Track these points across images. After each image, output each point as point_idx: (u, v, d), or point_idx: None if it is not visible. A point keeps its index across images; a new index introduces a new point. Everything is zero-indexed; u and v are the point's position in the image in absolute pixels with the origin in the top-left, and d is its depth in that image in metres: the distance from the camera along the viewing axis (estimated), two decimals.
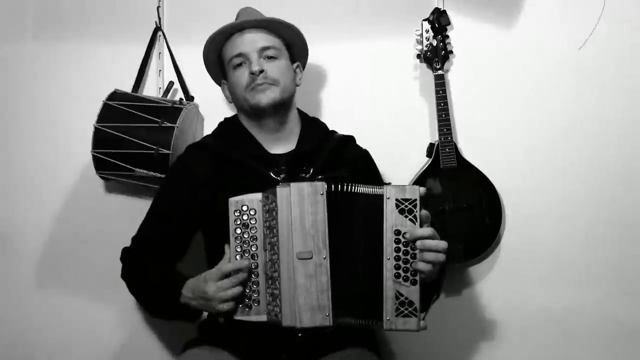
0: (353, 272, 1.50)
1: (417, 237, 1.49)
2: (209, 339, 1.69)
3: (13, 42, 2.21)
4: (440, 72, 2.03)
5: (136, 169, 1.94)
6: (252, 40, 1.76)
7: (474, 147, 2.08)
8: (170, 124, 1.94)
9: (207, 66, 1.88)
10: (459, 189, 2.02)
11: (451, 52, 2.08)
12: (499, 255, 2.09)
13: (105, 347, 2.14)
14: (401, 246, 1.49)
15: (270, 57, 1.75)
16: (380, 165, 1.91)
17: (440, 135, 2.02)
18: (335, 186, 1.50)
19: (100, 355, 2.14)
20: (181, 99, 2.08)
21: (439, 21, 2.04)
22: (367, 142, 1.90)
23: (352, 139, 1.88)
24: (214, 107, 2.11)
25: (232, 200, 1.54)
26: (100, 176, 2.02)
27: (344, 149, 1.81)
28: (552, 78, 2.09)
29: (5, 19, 2.21)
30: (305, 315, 1.47)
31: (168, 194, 1.80)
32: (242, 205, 1.53)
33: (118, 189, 2.14)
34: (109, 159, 1.94)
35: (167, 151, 1.92)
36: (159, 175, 1.93)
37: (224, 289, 1.51)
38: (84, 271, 2.15)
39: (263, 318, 1.53)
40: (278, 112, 1.75)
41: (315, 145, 1.76)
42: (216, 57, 1.84)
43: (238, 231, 1.53)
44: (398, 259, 1.49)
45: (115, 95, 2.01)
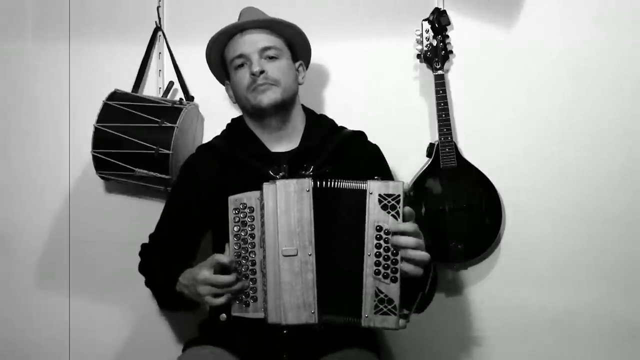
0: (338, 269, 1.49)
1: (397, 232, 1.45)
2: (210, 339, 1.69)
3: (13, 42, 2.21)
4: (440, 72, 2.03)
5: (136, 169, 1.94)
6: (253, 41, 1.76)
7: (474, 147, 2.08)
8: (170, 124, 1.94)
9: (210, 66, 1.88)
10: (459, 189, 2.02)
11: (451, 52, 2.07)
12: (499, 255, 2.09)
13: (105, 347, 2.14)
14: (382, 242, 1.46)
15: (271, 57, 1.75)
16: None
17: (440, 135, 2.02)
18: (321, 182, 1.49)
19: (101, 355, 2.15)
20: (181, 99, 2.08)
21: (439, 21, 2.04)
22: None
23: (362, 135, 1.84)
24: (214, 107, 2.12)
25: (231, 198, 1.55)
26: (100, 176, 2.02)
27: (350, 145, 1.79)
28: (551, 78, 2.09)
29: (5, 19, 2.21)
30: (291, 312, 1.47)
31: (176, 193, 1.84)
32: (240, 203, 1.55)
33: (118, 189, 2.14)
34: (109, 159, 1.94)
35: (167, 151, 1.92)
36: (159, 175, 1.93)
37: (215, 279, 1.52)
38: (84, 271, 2.16)
39: (261, 315, 1.53)
40: (280, 112, 1.75)
41: (318, 143, 1.75)
42: (219, 57, 1.84)
43: (236, 229, 1.55)
44: (379, 256, 1.46)
45: (115, 95, 2.01)
